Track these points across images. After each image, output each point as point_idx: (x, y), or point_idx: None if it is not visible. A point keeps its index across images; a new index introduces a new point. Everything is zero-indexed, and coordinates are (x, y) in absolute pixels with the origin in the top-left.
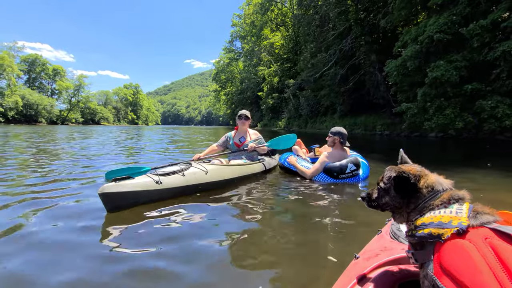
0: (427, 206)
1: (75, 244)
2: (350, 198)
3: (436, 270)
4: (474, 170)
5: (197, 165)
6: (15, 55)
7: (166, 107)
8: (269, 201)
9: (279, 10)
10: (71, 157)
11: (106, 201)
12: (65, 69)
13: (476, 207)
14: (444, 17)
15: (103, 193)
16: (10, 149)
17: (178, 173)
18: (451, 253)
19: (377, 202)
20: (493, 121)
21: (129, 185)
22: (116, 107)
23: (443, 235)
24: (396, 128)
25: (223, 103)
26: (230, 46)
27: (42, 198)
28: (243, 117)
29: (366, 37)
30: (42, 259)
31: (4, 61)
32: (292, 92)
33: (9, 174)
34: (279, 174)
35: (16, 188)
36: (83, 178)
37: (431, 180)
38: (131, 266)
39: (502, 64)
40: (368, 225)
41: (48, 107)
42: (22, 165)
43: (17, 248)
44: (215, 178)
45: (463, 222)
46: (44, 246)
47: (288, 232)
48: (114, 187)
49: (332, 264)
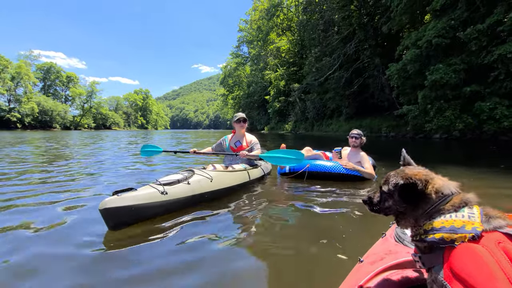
0: (437, 211)
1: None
2: (352, 200)
3: (446, 275)
4: (485, 170)
5: (200, 172)
6: (31, 64)
7: (174, 111)
8: (273, 206)
9: (284, 15)
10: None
11: (108, 217)
12: (78, 76)
13: (487, 211)
14: (442, 22)
15: (105, 209)
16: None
17: (183, 182)
18: (463, 258)
19: (379, 206)
20: (492, 122)
21: (132, 198)
22: (127, 112)
23: (456, 240)
24: (401, 129)
25: (231, 107)
26: (237, 51)
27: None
28: (241, 120)
29: (370, 40)
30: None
31: (21, 69)
32: (297, 95)
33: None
34: (275, 179)
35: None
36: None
37: (439, 184)
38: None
39: (499, 67)
40: (370, 228)
41: (62, 113)
42: (35, 171)
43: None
44: (220, 185)
45: (477, 228)
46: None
47: (290, 237)
48: (117, 201)
49: (335, 268)
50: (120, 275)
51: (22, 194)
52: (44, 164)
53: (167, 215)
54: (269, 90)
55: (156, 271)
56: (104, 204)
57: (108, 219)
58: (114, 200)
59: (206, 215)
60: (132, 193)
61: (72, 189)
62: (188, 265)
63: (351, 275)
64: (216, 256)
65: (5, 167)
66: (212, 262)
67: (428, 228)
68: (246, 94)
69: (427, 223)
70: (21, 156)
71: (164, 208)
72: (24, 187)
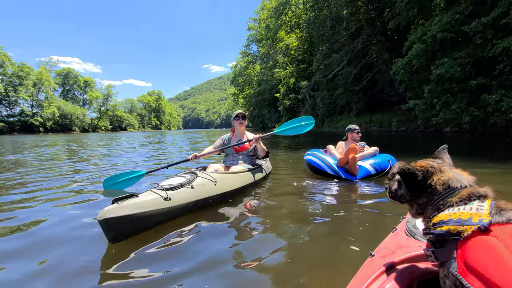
0: (445, 203)
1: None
2: (360, 195)
3: (460, 269)
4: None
5: (203, 175)
6: (51, 70)
7: (186, 111)
8: (284, 202)
9: (293, 13)
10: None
11: (108, 229)
12: (94, 80)
13: (499, 203)
14: (447, 16)
15: (105, 219)
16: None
17: (186, 186)
18: (477, 251)
19: (395, 193)
20: (498, 115)
21: (134, 205)
22: (141, 114)
23: (462, 233)
24: (412, 124)
25: (241, 106)
26: (246, 50)
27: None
28: (240, 116)
29: (378, 36)
30: None
31: (42, 76)
32: (306, 93)
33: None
34: (277, 178)
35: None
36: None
37: (446, 177)
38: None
39: (505, 59)
40: (380, 222)
41: (80, 116)
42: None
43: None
44: (225, 188)
45: (484, 219)
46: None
47: (299, 233)
48: (117, 210)
49: (346, 262)
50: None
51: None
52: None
53: (171, 222)
54: (279, 88)
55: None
56: (103, 215)
57: (108, 231)
58: (114, 209)
59: (212, 218)
60: (133, 200)
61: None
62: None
63: (362, 269)
64: (228, 255)
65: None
66: (221, 259)
67: (436, 221)
68: (256, 92)
69: (436, 216)
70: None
71: (168, 215)
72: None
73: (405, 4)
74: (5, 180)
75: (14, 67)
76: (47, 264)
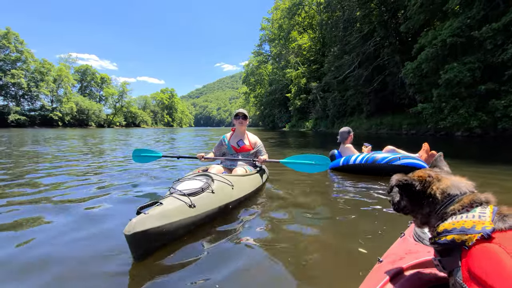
0: (448, 212)
1: None
2: (368, 201)
3: (465, 277)
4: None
5: (219, 178)
6: (70, 66)
7: (198, 109)
8: (294, 204)
9: (306, 13)
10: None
11: (136, 245)
12: (110, 77)
13: (501, 210)
14: (458, 21)
15: (134, 234)
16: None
17: (207, 191)
18: (480, 259)
19: (398, 205)
20: (506, 120)
21: (161, 215)
22: (154, 111)
23: (467, 242)
24: (422, 127)
25: (252, 105)
26: (259, 49)
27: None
28: (240, 116)
29: (390, 38)
30: None
31: (62, 72)
32: (317, 93)
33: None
34: (279, 180)
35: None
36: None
37: (445, 185)
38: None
39: None
40: (388, 228)
41: (97, 111)
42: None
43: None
44: (241, 193)
45: (486, 227)
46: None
47: (305, 238)
48: (145, 222)
49: (354, 268)
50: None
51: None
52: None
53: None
54: (290, 88)
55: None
56: (132, 228)
57: (136, 247)
58: (143, 221)
59: (231, 225)
60: (158, 209)
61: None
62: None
63: (370, 276)
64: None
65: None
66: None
67: (440, 230)
68: (267, 92)
69: (440, 225)
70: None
71: (193, 225)
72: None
73: (417, 8)
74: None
75: (36, 64)
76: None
